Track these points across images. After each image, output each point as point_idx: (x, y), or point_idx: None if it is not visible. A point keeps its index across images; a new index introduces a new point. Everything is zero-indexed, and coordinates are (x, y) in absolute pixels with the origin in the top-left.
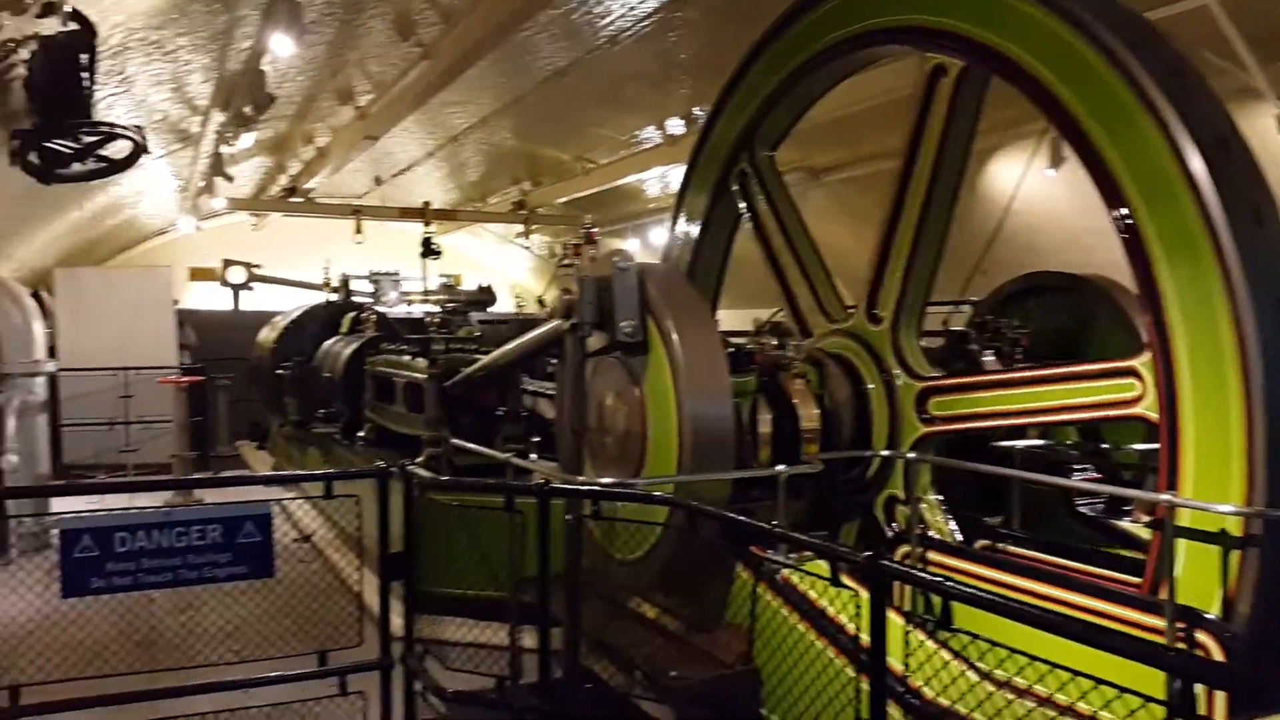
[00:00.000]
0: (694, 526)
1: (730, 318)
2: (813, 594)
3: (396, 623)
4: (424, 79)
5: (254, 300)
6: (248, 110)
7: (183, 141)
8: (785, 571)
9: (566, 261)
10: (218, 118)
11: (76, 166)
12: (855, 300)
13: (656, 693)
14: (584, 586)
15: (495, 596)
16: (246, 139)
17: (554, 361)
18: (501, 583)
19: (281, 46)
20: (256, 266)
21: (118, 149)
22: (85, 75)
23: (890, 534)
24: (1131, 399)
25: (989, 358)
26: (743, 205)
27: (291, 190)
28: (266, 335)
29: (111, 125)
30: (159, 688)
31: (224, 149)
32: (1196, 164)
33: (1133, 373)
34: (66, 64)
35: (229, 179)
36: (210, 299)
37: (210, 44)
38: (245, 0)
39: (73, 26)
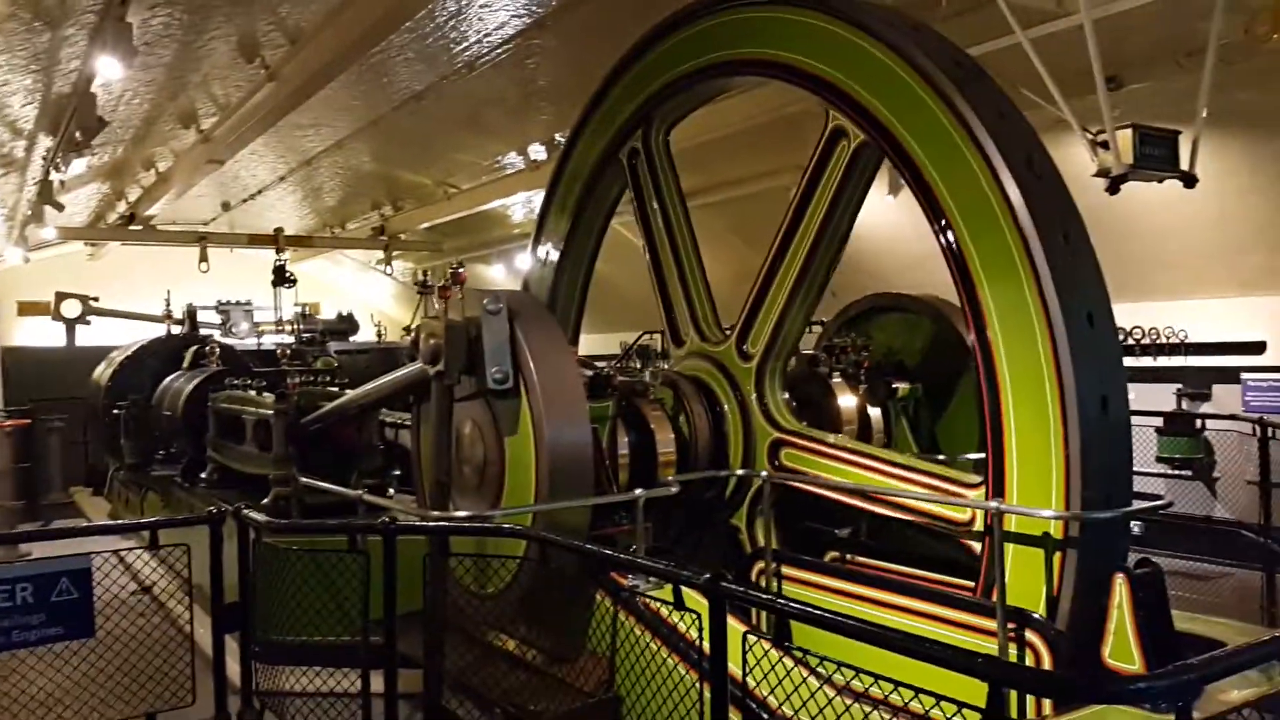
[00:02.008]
0: (545, 557)
1: (595, 342)
2: (672, 618)
3: (237, 675)
4: (271, 101)
5: (91, 335)
6: (77, 135)
7: (6, 167)
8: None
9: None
10: (45, 142)
11: None
12: (727, 324)
13: None
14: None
15: (344, 642)
16: (79, 164)
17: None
18: (349, 627)
19: (110, 69)
20: (93, 299)
21: None
22: None
23: (749, 550)
24: (963, 521)
25: (837, 380)
26: (630, 189)
27: (130, 217)
28: (101, 372)
29: None
30: None
31: (54, 175)
32: (1014, 193)
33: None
34: None
35: (59, 208)
36: (42, 335)
37: (32, 64)
38: (70, 19)
39: None
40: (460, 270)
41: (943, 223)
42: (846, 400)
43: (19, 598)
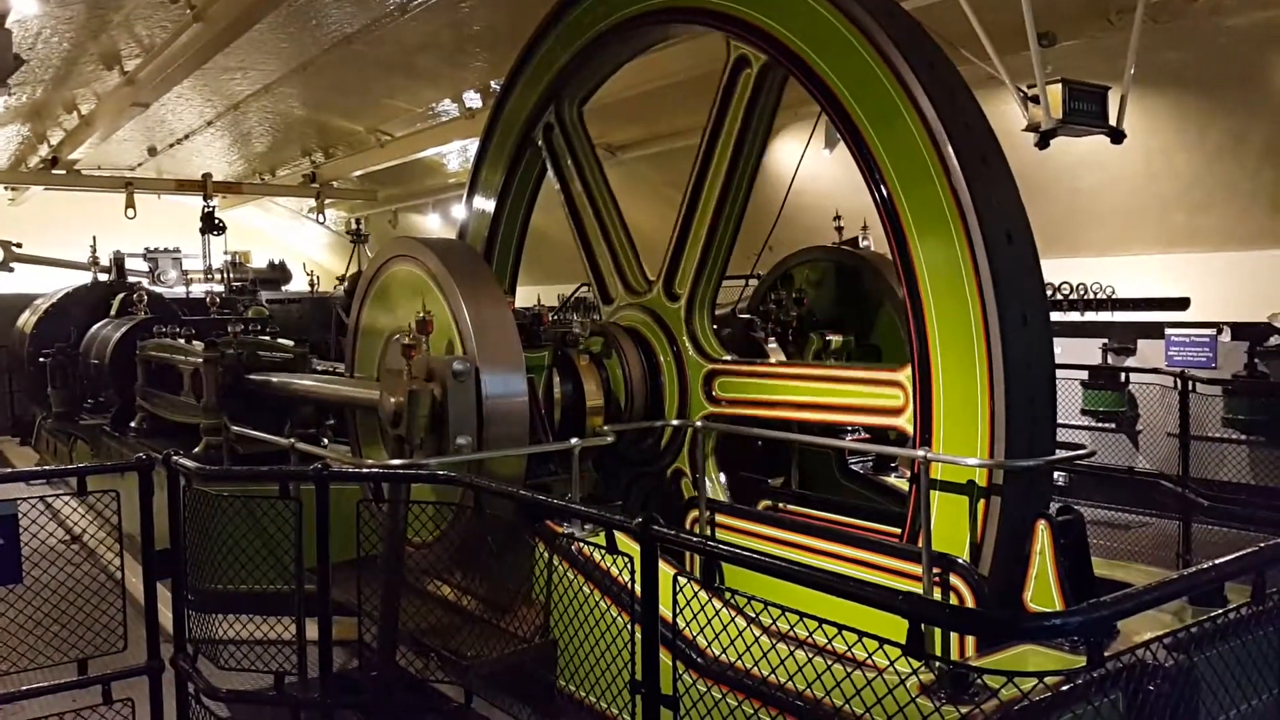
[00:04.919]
0: (481, 506)
1: (532, 294)
2: (605, 564)
3: (169, 623)
4: (197, 42)
5: (14, 282)
6: None
7: None
8: (578, 543)
9: (358, 235)
10: None
11: None
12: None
13: (453, 674)
14: (370, 571)
15: (277, 589)
16: None
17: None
18: (283, 574)
19: (24, 3)
20: (16, 245)
21: None
22: None
23: (684, 499)
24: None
25: (773, 344)
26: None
27: (53, 161)
28: (26, 320)
29: None
30: None
31: None
32: (949, 151)
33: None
34: None
35: None
36: None
37: None
38: None
39: None
40: (428, 319)
41: (877, 177)
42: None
43: None
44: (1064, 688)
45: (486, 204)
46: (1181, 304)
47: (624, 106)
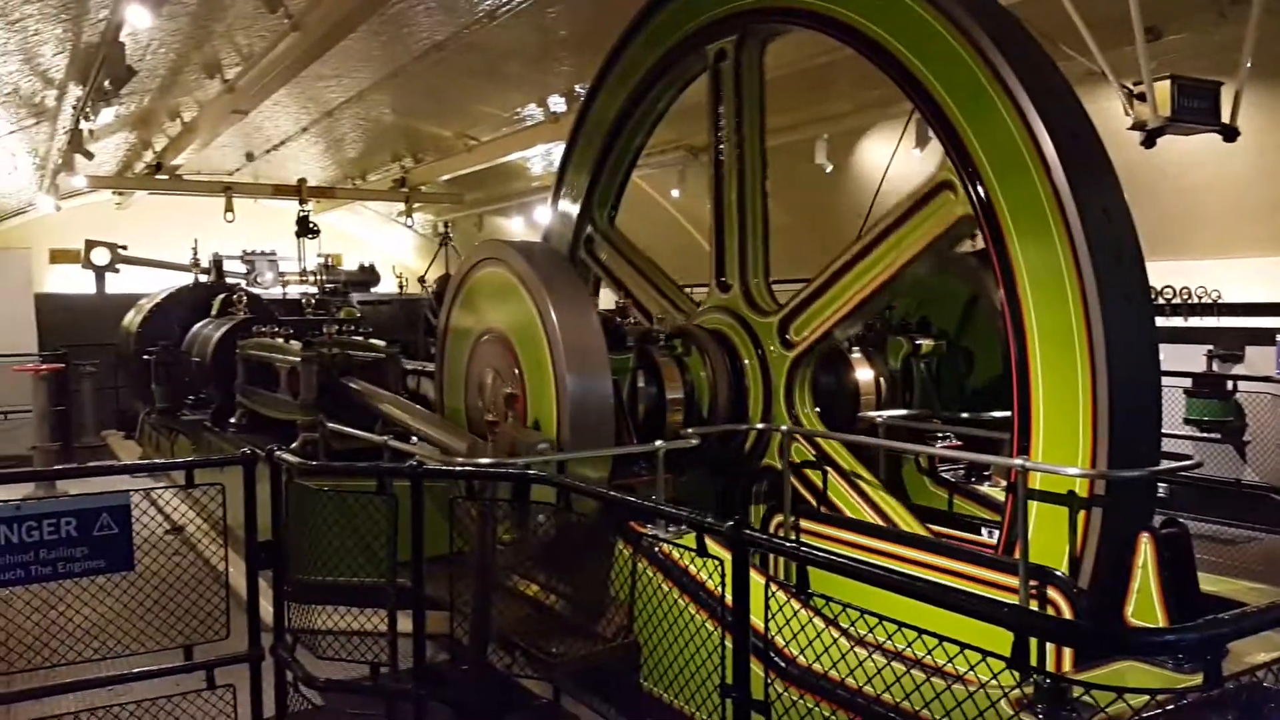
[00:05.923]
0: (569, 505)
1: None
2: (692, 567)
3: (268, 613)
4: (294, 51)
5: (120, 283)
6: (106, 84)
7: (38, 116)
8: (662, 544)
9: (446, 239)
10: (75, 92)
11: None
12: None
13: (538, 670)
14: (461, 567)
15: (372, 582)
16: (107, 114)
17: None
18: (377, 568)
19: (139, 18)
20: (122, 248)
21: None
22: None
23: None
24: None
25: (856, 354)
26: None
27: (157, 167)
28: (131, 319)
29: None
30: (17, 690)
31: (83, 124)
32: (1048, 146)
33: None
34: None
35: (89, 156)
36: (73, 282)
37: (61, 14)
38: None
39: None
40: (515, 395)
41: (973, 177)
42: (864, 374)
43: (64, 531)
44: (1178, 705)
45: (571, 207)
46: None
47: (701, 109)
